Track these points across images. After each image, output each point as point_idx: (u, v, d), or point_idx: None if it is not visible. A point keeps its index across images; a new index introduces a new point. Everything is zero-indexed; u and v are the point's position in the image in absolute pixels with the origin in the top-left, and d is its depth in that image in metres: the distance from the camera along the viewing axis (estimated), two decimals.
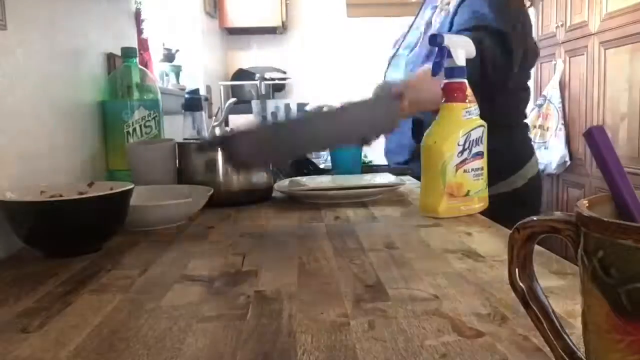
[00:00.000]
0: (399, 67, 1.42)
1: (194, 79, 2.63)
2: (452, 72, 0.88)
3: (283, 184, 1.11)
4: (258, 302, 0.50)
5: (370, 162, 1.90)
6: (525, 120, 1.42)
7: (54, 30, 0.92)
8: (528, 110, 3.12)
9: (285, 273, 0.59)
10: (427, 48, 1.30)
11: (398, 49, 1.48)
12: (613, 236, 0.25)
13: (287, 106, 1.36)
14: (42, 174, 0.84)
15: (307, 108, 1.49)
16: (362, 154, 1.45)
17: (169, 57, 2.26)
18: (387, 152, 1.49)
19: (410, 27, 1.49)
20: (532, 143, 1.43)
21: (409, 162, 1.38)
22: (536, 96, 3.21)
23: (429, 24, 1.38)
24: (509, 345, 0.40)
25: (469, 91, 0.88)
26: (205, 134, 1.36)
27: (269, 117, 1.37)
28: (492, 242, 0.71)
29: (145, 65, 1.48)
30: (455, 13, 1.26)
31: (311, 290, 0.54)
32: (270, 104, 1.38)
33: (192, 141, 1.17)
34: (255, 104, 1.40)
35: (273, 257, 0.66)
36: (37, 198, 0.71)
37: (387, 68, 1.50)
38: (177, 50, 2.30)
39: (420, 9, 1.48)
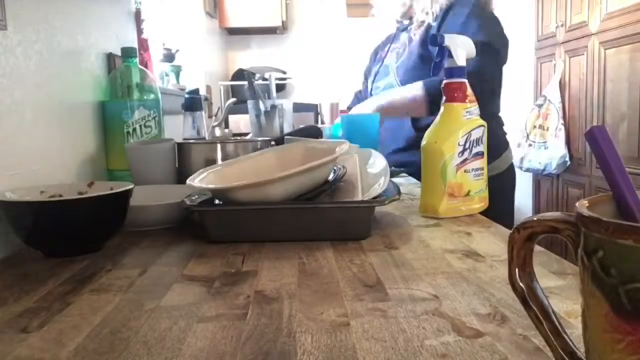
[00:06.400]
0: (388, 74, 1.54)
1: (194, 79, 2.63)
2: (452, 72, 0.88)
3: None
4: (258, 302, 0.50)
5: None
6: (500, 114, 1.48)
7: (54, 30, 0.92)
8: (528, 110, 3.14)
9: (285, 273, 0.59)
10: (416, 51, 1.43)
11: (382, 62, 1.61)
12: (613, 236, 0.24)
13: (273, 107, 1.37)
14: (42, 174, 0.84)
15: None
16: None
17: (169, 57, 2.26)
18: (381, 142, 1.53)
19: (388, 49, 1.62)
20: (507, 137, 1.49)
21: (406, 150, 1.41)
22: (536, 96, 3.21)
23: (410, 39, 1.50)
24: (509, 345, 0.40)
25: (469, 91, 0.88)
26: (205, 134, 1.36)
27: (262, 117, 1.37)
28: (492, 242, 0.71)
29: (145, 65, 1.48)
30: (439, 26, 1.35)
31: (311, 290, 0.54)
32: (263, 104, 1.38)
33: (191, 141, 1.17)
34: (250, 104, 1.40)
35: (273, 257, 0.66)
36: (37, 198, 0.71)
37: (374, 77, 1.61)
38: (177, 50, 2.30)
39: (394, 34, 1.63)
